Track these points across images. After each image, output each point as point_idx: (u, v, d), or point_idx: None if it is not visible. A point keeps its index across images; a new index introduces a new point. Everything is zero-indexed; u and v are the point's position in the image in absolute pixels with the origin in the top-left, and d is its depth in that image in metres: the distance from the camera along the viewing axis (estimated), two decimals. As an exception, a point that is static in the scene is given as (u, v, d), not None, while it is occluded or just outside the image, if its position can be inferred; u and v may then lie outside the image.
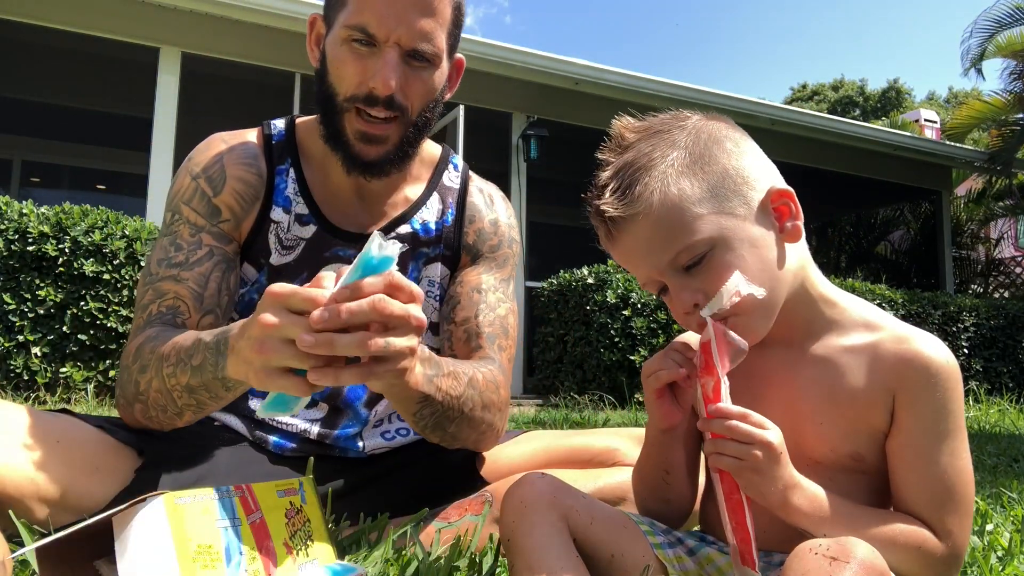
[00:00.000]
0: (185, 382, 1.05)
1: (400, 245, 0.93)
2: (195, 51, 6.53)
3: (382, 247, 0.86)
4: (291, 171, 1.32)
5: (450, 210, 1.40)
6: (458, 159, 1.47)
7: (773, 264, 0.86)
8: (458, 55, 1.34)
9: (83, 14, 6.24)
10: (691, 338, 0.91)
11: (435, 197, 1.40)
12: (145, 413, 1.14)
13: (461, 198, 1.42)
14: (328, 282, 0.86)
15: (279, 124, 1.37)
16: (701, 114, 0.92)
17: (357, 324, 0.84)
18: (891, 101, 32.68)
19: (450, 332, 1.31)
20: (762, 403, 0.91)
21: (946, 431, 0.83)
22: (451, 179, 1.43)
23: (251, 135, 1.34)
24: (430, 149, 1.44)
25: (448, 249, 1.38)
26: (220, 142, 1.32)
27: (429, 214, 1.38)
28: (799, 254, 0.90)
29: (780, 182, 0.90)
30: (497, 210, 1.45)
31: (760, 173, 0.88)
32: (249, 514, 0.81)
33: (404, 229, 1.35)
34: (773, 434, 0.79)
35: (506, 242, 1.43)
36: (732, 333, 0.82)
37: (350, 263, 0.88)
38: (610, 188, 0.86)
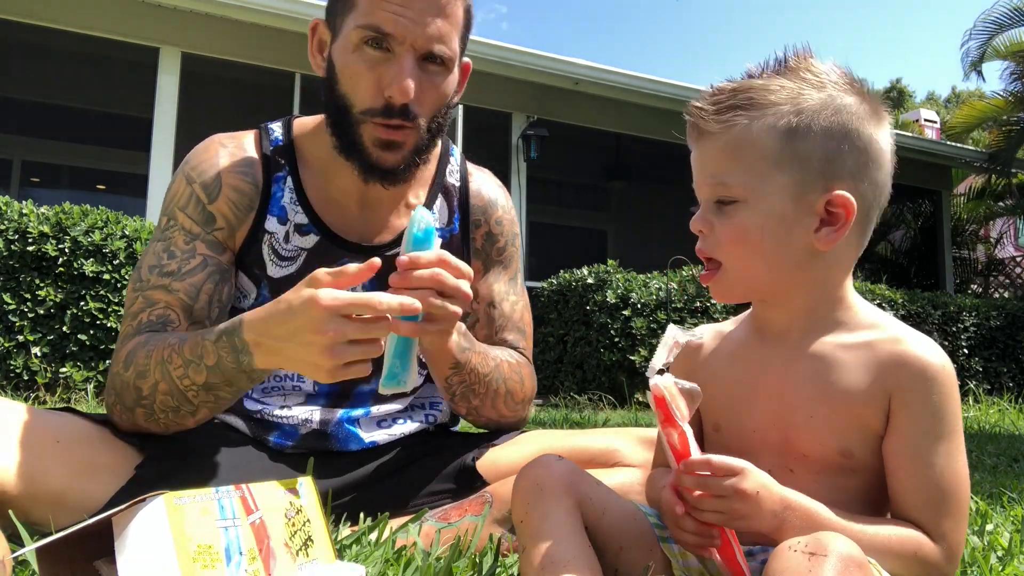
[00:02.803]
0: (202, 381, 1.08)
1: (433, 214, 1.17)
2: (195, 51, 6.52)
3: (420, 221, 1.09)
4: (288, 179, 1.30)
5: (456, 215, 1.40)
6: (456, 149, 1.46)
7: (788, 253, 0.86)
8: (465, 59, 1.33)
9: (83, 14, 6.24)
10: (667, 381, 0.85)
11: (440, 202, 1.39)
12: (149, 417, 1.14)
13: (463, 199, 1.42)
14: (352, 269, 0.98)
15: (277, 129, 1.34)
16: (860, 95, 0.87)
17: (417, 289, 1.03)
18: (892, 101, 32.68)
19: None
20: (755, 393, 0.91)
21: (942, 433, 0.82)
22: (452, 175, 1.42)
23: (249, 140, 1.32)
24: None
25: (457, 256, 1.37)
26: (218, 146, 1.30)
27: (435, 222, 1.36)
28: (829, 266, 0.88)
29: (863, 197, 0.86)
30: (499, 204, 1.46)
31: (848, 178, 0.85)
32: (249, 514, 0.81)
33: None
34: (744, 478, 0.76)
35: (510, 239, 1.45)
36: (681, 381, 0.82)
37: None
38: (715, 99, 0.88)
